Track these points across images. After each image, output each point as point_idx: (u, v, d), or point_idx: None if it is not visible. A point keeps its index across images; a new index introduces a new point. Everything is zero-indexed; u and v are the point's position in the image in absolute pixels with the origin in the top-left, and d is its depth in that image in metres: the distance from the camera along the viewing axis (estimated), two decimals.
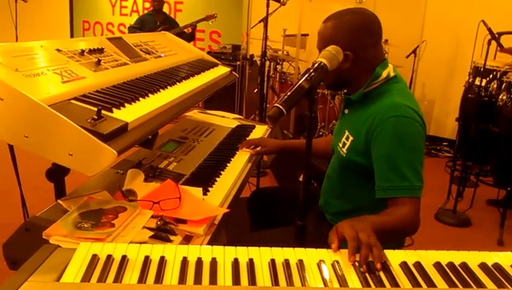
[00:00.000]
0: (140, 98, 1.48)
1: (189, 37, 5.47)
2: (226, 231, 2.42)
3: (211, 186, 1.69)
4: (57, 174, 1.51)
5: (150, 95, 1.54)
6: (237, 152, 2.07)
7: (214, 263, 1.04)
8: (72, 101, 1.27)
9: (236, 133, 2.41)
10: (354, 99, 1.63)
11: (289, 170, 3.87)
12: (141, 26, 5.72)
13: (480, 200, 3.83)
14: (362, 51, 1.57)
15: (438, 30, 5.09)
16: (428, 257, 1.08)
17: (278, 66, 5.41)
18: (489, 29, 3.30)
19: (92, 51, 1.62)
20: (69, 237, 1.19)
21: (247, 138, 2.35)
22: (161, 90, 1.64)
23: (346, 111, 1.73)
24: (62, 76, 1.33)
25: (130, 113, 1.33)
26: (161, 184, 1.58)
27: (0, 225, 2.84)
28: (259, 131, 2.50)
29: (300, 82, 1.26)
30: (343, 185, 1.72)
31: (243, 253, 1.08)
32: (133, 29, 5.87)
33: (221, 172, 1.84)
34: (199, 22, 5.41)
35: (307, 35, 5.38)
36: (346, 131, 1.64)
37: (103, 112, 1.23)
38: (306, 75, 1.28)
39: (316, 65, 1.33)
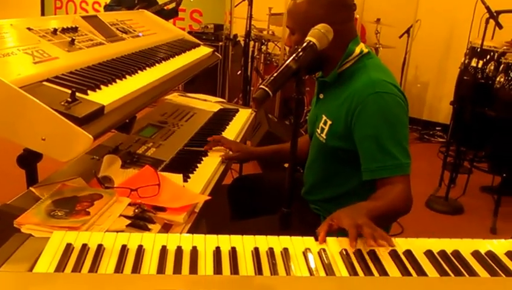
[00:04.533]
0: (117, 80, 1.47)
1: (170, 14, 5.41)
2: (206, 220, 2.44)
3: (192, 173, 1.70)
4: (28, 160, 1.51)
5: (127, 76, 1.54)
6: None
7: (194, 251, 1.05)
8: (45, 83, 1.26)
9: (219, 118, 2.41)
10: (328, 80, 1.63)
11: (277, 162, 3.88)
12: (118, 4, 5.64)
13: (473, 187, 3.86)
14: (339, 26, 1.50)
15: (433, 9, 5.09)
16: (419, 245, 1.09)
17: (262, 47, 5.38)
18: (487, 8, 3.29)
19: (65, 30, 1.61)
20: (42, 225, 1.19)
21: (230, 123, 2.35)
22: (139, 71, 1.64)
23: (321, 96, 1.72)
24: (33, 56, 1.32)
25: (107, 95, 1.32)
26: (139, 170, 1.58)
27: None
28: (243, 115, 2.50)
29: (287, 62, 1.25)
30: (325, 172, 1.72)
31: (225, 241, 1.09)
32: (109, 7, 5.79)
33: (203, 158, 1.85)
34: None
35: None
36: (323, 116, 1.63)
37: (78, 94, 1.22)
38: (294, 55, 1.26)
39: (304, 44, 1.31)
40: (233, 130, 2.24)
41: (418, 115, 5.47)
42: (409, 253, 1.06)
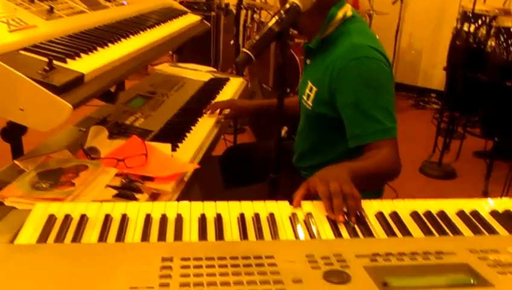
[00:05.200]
0: (99, 48, 1.42)
1: None
2: (202, 190, 2.43)
3: (181, 142, 1.67)
4: (12, 133, 1.48)
5: (109, 44, 1.49)
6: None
7: (179, 219, 1.02)
8: (21, 52, 1.21)
9: (209, 87, 2.37)
10: (312, 47, 1.60)
11: (268, 126, 3.86)
12: None
13: (466, 152, 3.87)
14: None
15: None
16: (405, 207, 1.08)
17: (255, 15, 5.30)
18: None
19: None
20: (26, 197, 1.17)
21: (221, 92, 2.32)
22: (122, 39, 1.59)
23: (308, 61, 1.69)
24: (9, 25, 1.27)
25: (87, 64, 1.28)
26: (126, 141, 1.55)
27: None
28: (234, 84, 2.46)
29: (270, 25, 1.21)
30: (313, 139, 1.70)
31: (211, 208, 1.07)
32: None
33: (192, 127, 1.82)
34: None
35: None
36: (309, 82, 1.61)
37: (56, 62, 1.18)
38: (276, 17, 1.23)
39: (287, 6, 1.27)
40: (223, 99, 2.20)
41: (413, 82, 5.43)
42: (395, 214, 1.05)
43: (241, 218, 1.03)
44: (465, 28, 3.48)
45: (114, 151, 1.48)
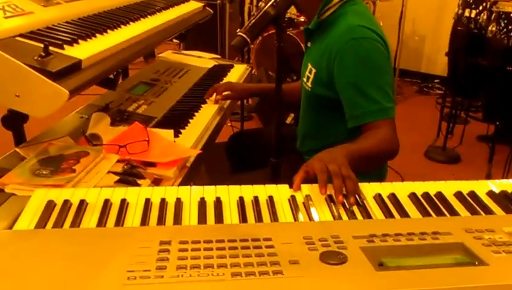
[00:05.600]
0: (98, 34, 1.40)
1: None
2: (210, 178, 2.42)
3: (183, 128, 1.65)
4: (13, 121, 1.46)
5: (108, 31, 1.46)
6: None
7: (178, 203, 1.01)
8: (17, 38, 1.19)
9: (213, 73, 2.35)
10: (311, 28, 1.60)
11: (275, 113, 3.82)
12: None
13: (470, 137, 3.84)
14: None
15: None
16: (403, 189, 1.06)
17: (260, 3, 5.24)
18: None
19: None
20: (26, 184, 1.15)
21: (225, 78, 2.29)
22: (122, 26, 1.56)
23: (308, 44, 1.69)
24: (4, 11, 1.25)
25: (85, 50, 1.26)
26: (128, 127, 1.53)
27: None
28: (238, 70, 2.44)
29: (265, 8, 1.21)
30: (313, 120, 1.70)
31: (211, 192, 1.05)
32: None
33: (195, 113, 1.80)
34: None
35: None
36: (309, 64, 1.61)
37: (53, 48, 1.16)
38: (272, 1, 1.22)
39: None
40: None
41: (417, 68, 5.37)
42: (393, 196, 1.03)
43: (241, 201, 1.02)
44: (466, 13, 3.43)
45: (116, 137, 1.46)
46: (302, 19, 5.20)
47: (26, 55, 1.10)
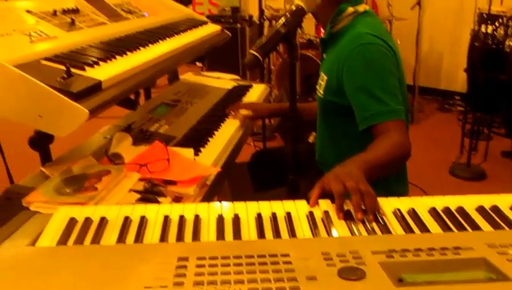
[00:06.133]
0: (118, 56, 1.42)
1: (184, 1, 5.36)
2: (232, 196, 2.41)
3: (203, 147, 1.66)
4: (40, 141, 1.49)
5: (128, 53, 1.48)
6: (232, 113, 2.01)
7: (197, 220, 1.00)
8: (41, 61, 1.22)
9: (233, 94, 2.36)
10: (325, 38, 1.65)
11: (298, 132, 3.80)
12: None
13: (494, 153, 3.76)
14: None
15: None
16: (423, 204, 1.04)
17: (274, 22, 5.28)
18: None
19: (65, 12, 1.56)
20: (49, 202, 1.16)
21: (244, 98, 2.30)
22: (141, 48, 1.58)
23: (324, 56, 1.72)
24: (30, 36, 1.28)
25: (105, 71, 1.28)
26: (149, 146, 1.54)
27: None
28: (257, 90, 2.44)
29: (276, 27, 1.22)
30: (328, 128, 1.72)
31: (229, 209, 1.05)
32: None
33: (215, 132, 1.81)
34: None
35: None
36: (322, 73, 1.64)
37: (74, 70, 1.18)
38: (282, 19, 1.24)
39: (293, 8, 1.28)
40: None
41: (436, 85, 5.31)
42: (413, 211, 1.01)
43: (259, 218, 1.01)
44: (483, 29, 3.41)
45: (137, 156, 1.47)
46: None
47: (50, 77, 1.12)
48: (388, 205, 1.04)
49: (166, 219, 1.01)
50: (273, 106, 2.15)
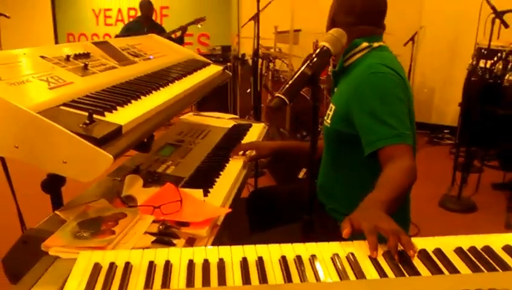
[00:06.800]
0: (132, 101, 1.43)
1: (177, 42, 5.43)
2: (227, 233, 2.38)
3: (211, 187, 1.66)
4: (52, 185, 1.48)
5: (142, 97, 1.50)
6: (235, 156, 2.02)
7: (221, 263, 1.00)
8: (62, 107, 1.22)
9: (233, 133, 2.37)
10: (337, 70, 1.69)
11: (288, 169, 3.83)
12: (128, 34, 5.68)
13: (485, 185, 3.80)
14: (359, 25, 1.63)
15: (437, 15, 5.05)
16: (448, 243, 1.03)
17: (270, 64, 5.37)
18: (493, 8, 3.24)
19: (77, 56, 1.58)
20: (68, 247, 1.15)
21: (245, 137, 2.32)
22: (153, 91, 1.60)
23: (335, 89, 1.75)
24: (48, 82, 1.29)
25: (123, 116, 1.29)
26: (161, 188, 1.54)
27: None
28: (256, 130, 2.46)
29: (302, 69, 1.20)
30: (333, 157, 1.73)
31: (251, 251, 1.05)
32: (119, 37, 5.83)
33: (220, 172, 1.81)
34: (188, 26, 5.37)
35: (299, 30, 5.35)
36: (331, 104, 1.67)
37: (95, 116, 1.19)
38: (308, 62, 1.23)
39: (318, 50, 1.28)
40: None
41: (427, 119, 5.41)
42: (439, 251, 1.01)
43: (283, 260, 1.01)
44: (481, 64, 3.48)
45: (150, 198, 1.47)
46: None
47: (72, 123, 1.12)
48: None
49: (191, 263, 1.00)
50: (277, 145, 2.15)
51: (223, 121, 2.62)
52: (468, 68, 3.69)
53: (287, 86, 1.17)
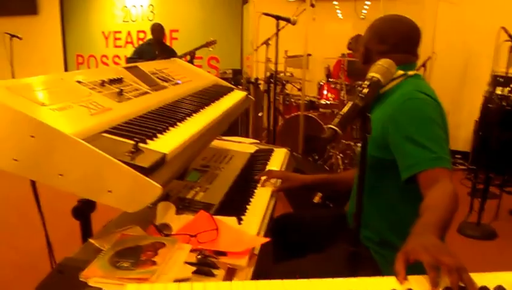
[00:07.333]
0: (170, 128, 1.42)
1: None
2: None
3: (243, 215, 1.64)
4: (83, 211, 1.46)
5: (178, 123, 1.49)
6: (262, 178, 2.00)
7: None
8: (104, 134, 1.21)
9: (257, 158, 2.36)
10: None
11: (302, 193, 3.80)
12: (140, 56, 5.72)
13: (504, 211, 3.77)
14: (395, 53, 1.63)
15: (449, 41, 5.09)
16: (510, 279, 0.99)
17: (283, 88, 5.38)
18: (510, 36, 3.28)
19: (112, 81, 1.57)
20: (110, 277, 1.12)
21: (269, 162, 2.30)
22: (187, 118, 1.59)
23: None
24: (89, 109, 1.28)
25: (164, 143, 1.27)
26: (195, 216, 1.52)
27: (27, 266, 2.77)
28: (279, 155, 2.45)
29: (354, 100, 1.21)
30: (367, 187, 1.69)
31: (301, 287, 1.01)
32: (131, 60, 5.87)
33: (250, 199, 1.79)
34: (199, 49, 5.40)
35: (310, 55, 5.38)
36: None
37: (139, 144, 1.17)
38: (359, 93, 1.22)
39: (369, 82, 1.27)
40: (272, 168, 2.19)
41: None
42: (500, 289, 0.96)
43: None
44: (498, 91, 3.50)
45: (185, 226, 1.45)
46: (322, 101, 5.32)
47: (117, 151, 1.10)
48: None
49: None
50: (308, 179, 2.10)
51: (245, 145, 2.60)
52: (485, 95, 3.71)
53: (340, 117, 1.18)
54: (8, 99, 1.08)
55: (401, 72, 1.62)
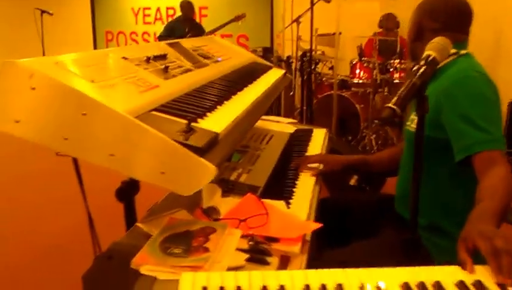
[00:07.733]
0: (218, 106, 1.35)
1: None
2: None
3: (291, 198, 1.57)
4: (127, 193, 1.41)
5: (225, 102, 1.42)
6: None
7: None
8: (153, 112, 1.14)
9: (297, 139, 2.29)
10: None
11: (338, 175, 3.71)
12: (170, 33, 5.65)
13: None
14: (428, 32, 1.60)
15: (477, 17, 4.87)
16: None
17: (315, 67, 5.26)
18: None
19: (156, 58, 1.50)
20: (162, 265, 1.07)
21: (309, 143, 2.22)
22: (232, 96, 1.52)
23: None
24: (137, 85, 1.22)
25: (215, 122, 1.20)
26: (242, 199, 1.46)
27: (71, 253, 2.68)
28: (319, 135, 2.37)
29: (413, 80, 1.17)
30: None
31: (369, 276, 0.95)
32: (162, 38, 5.82)
33: (296, 182, 1.72)
34: (228, 24, 5.31)
35: (340, 33, 5.23)
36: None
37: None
38: (417, 71, 1.18)
39: (425, 60, 1.23)
40: (315, 151, 2.12)
41: None
42: None
43: (406, 287, 0.90)
44: None
45: (232, 210, 1.39)
46: (355, 80, 5.19)
47: (170, 130, 1.03)
48: None
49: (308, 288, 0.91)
50: (346, 160, 2.01)
51: (283, 125, 2.54)
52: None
53: (398, 96, 1.13)
54: (58, 75, 1.02)
55: (453, 50, 1.53)
